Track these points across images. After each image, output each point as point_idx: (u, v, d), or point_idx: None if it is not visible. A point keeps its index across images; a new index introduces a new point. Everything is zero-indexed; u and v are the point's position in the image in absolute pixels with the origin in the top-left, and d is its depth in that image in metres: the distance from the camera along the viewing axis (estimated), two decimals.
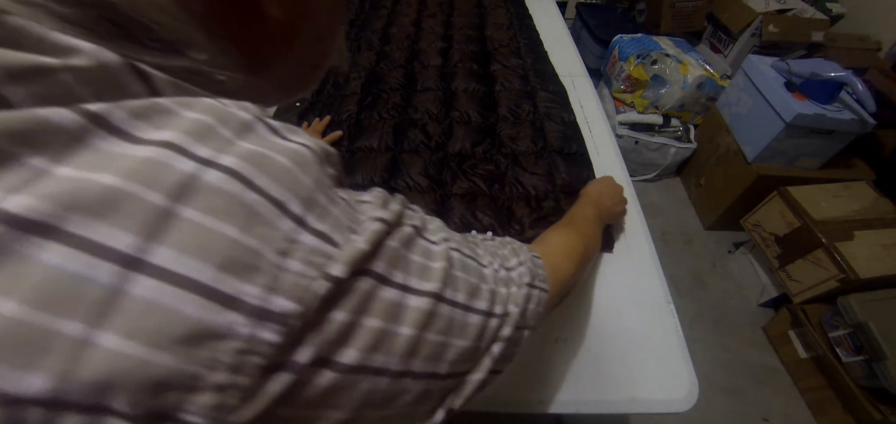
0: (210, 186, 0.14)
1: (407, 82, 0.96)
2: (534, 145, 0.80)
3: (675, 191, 1.81)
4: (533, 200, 0.70)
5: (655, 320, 0.57)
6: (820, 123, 1.26)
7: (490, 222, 0.66)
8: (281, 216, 0.15)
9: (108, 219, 0.12)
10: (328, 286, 0.15)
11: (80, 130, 0.12)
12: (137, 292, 0.12)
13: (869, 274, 1.07)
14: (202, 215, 0.13)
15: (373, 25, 1.21)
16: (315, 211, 0.16)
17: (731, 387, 1.21)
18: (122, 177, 0.12)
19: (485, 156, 0.78)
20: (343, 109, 0.87)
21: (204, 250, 0.13)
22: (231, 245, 0.13)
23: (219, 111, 0.15)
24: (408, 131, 0.82)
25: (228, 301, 0.13)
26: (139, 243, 0.12)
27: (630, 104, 1.73)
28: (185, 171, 0.13)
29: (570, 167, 0.76)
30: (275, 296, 0.14)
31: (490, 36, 1.15)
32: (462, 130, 0.83)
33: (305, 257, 0.15)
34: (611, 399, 0.50)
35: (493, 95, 0.93)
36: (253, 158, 0.15)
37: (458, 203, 0.69)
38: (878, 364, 0.97)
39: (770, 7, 1.73)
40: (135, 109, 0.14)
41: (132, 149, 0.13)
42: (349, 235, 0.17)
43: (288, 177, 0.16)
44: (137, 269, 0.12)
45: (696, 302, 1.42)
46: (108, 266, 0.12)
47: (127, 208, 0.12)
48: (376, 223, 0.18)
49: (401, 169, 0.74)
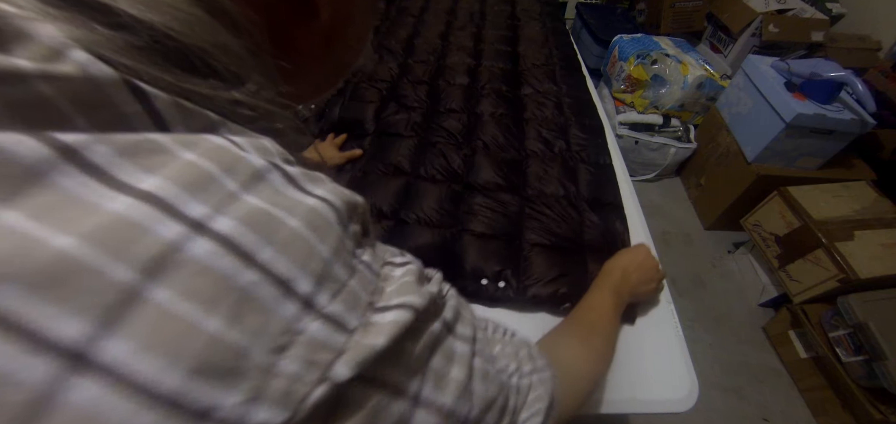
0: (195, 261, 0.11)
1: (429, 101, 0.90)
2: (563, 190, 0.72)
3: (675, 191, 1.81)
4: (555, 254, 0.62)
5: (655, 320, 0.57)
6: (820, 123, 1.26)
7: (501, 270, 0.59)
8: (284, 300, 0.12)
9: (51, 297, 0.09)
10: (326, 392, 0.13)
11: (41, 165, 0.10)
12: (74, 399, 0.09)
13: (869, 274, 1.07)
14: (178, 300, 0.10)
15: (397, 34, 1.15)
16: (328, 288, 0.13)
17: (731, 387, 1.21)
18: (82, 239, 0.09)
19: (507, 194, 0.71)
20: (360, 124, 0.82)
21: (172, 347, 0.10)
22: (210, 342, 0.11)
23: (225, 156, 0.13)
24: (426, 156, 0.75)
25: (197, 416, 0.10)
26: (88, 332, 0.09)
27: (630, 104, 1.73)
28: (165, 238, 0.10)
29: (602, 222, 0.68)
30: (257, 405, 0.11)
31: (523, 53, 1.09)
32: (485, 161, 0.76)
33: (306, 355, 0.12)
34: (611, 398, 0.50)
35: (521, 123, 0.86)
36: (258, 220, 0.12)
37: (470, 245, 0.62)
38: (878, 364, 0.97)
39: (770, 7, 1.73)
40: (122, 144, 0.11)
41: (107, 198, 0.10)
42: (367, 316, 0.14)
43: (299, 247, 0.13)
44: (79, 369, 0.09)
45: (696, 302, 1.42)
46: (40, 364, 0.09)
47: (79, 284, 0.09)
48: (403, 312, 0.15)
49: (414, 199, 0.68)
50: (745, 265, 1.49)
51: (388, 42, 1.13)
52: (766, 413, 1.17)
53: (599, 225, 0.67)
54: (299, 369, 0.12)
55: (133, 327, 0.10)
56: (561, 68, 1.03)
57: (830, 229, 1.17)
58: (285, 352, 0.12)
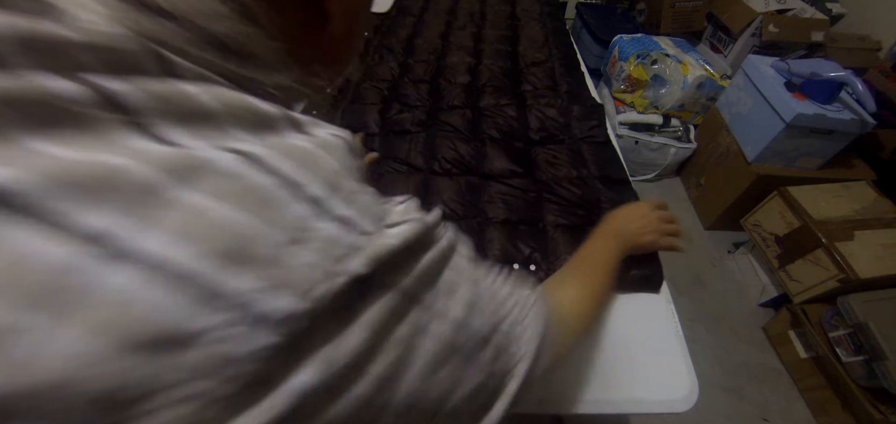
0: (219, 168, 0.12)
1: (432, 99, 0.92)
2: (574, 171, 0.74)
3: (675, 191, 1.81)
4: (579, 233, 0.64)
5: (655, 320, 0.57)
6: (820, 124, 1.26)
7: (531, 254, 0.61)
8: (295, 200, 0.13)
9: (97, 198, 0.10)
10: (344, 286, 0.13)
11: (80, 105, 0.11)
12: (114, 281, 0.10)
13: (869, 274, 1.07)
14: (205, 198, 0.12)
15: (397, 33, 1.15)
16: (340, 194, 0.15)
17: (731, 387, 1.21)
18: (129, 159, 0.11)
19: (522, 179, 0.73)
20: (364, 124, 0.83)
21: (198, 236, 0.11)
22: (232, 230, 0.12)
23: (239, 102, 0.15)
24: (437, 150, 0.77)
25: (218, 295, 0.11)
26: (128, 225, 0.11)
27: (630, 104, 1.73)
28: (199, 156, 0.12)
29: (617, 197, 0.70)
30: (278, 291, 0.12)
31: (523, 52, 1.10)
32: (496, 151, 0.78)
33: (322, 248, 0.13)
34: (611, 398, 0.50)
35: (524, 114, 0.88)
36: (276, 144, 0.14)
37: (496, 232, 0.64)
38: (878, 364, 0.97)
39: (770, 7, 1.73)
40: (151, 91, 0.13)
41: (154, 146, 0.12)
42: (379, 227, 0.15)
43: (309, 159, 0.14)
44: (120, 257, 0.10)
45: (696, 302, 1.42)
46: (85, 251, 0.10)
47: (122, 187, 0.11)
48: (414, 224, 0.17)
49: (433, 194, 0.70)
50: (745, 264, 1.49)
51: (389, 42, 1.13)
52: (766, 413, 1.17)
53: (615, 200, 0.69)
54: (317, 259, 0.13)
55: (166, 221, 0.11)
56: (561, 67, 1.04)
57: (830, 229, 1.17)
58: (302, 245, 0.13)
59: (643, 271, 0.59)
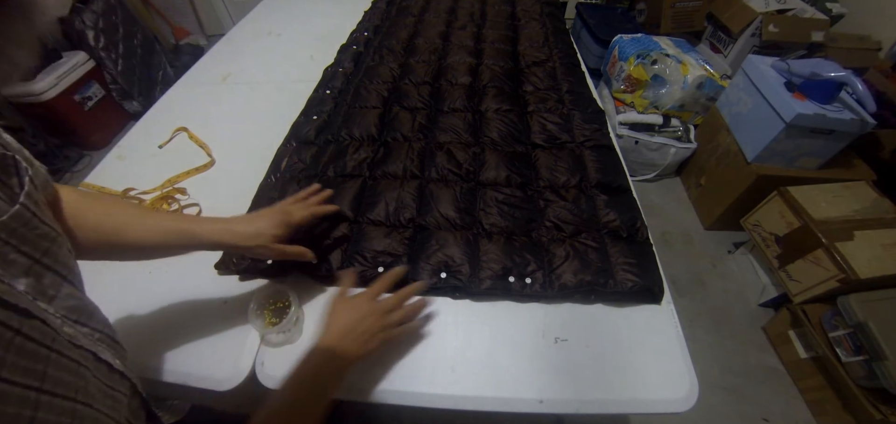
0: None
1: (433, 101, 0.91)
2: (573, 179, 0.73)
3: (675, 191, 1.81)
4: (576, 243, 0.63)
5: (655, 320, 0.57)
6: (820, 124, 1.26)
7: (527, 266, 0.60)
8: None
9: None
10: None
11: None
12: None
13: (869, 274, 1.07)
14: None
15: (397, 34, 1.15)
16: None
17: (731, 387, 1.21)
18: None
19: (520, 188, 0.71)
20: (363, 127, 0.82)
21: None
22: None
23: None
24: (435, 157, 0.76)
25: None
26: None
27: (630, 104, 1.73)
28: None
29: (615, 206, 0.68)
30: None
31: (523, 52, 1.09)
32: (495, 157, 0.76)
33: None
34: (611, 398, 0.50)
35: (525, 117, 0.87)
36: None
37: (493, 245, 0.62)
38: (878, 364, 0.97)
39: (770, 7, 1.73)
40: None
41: None
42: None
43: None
44: None
45: (696, 302, 1.42)
46: None
47: None
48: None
49: (429, 202, 0.68)
50: (745, 264, 1.49)
51: (389, 42, 1.13)
52: (766, 413, 1.17)
53: (614, 209, 0.68)
54: None
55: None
56: (561, 67, 1.03)
57: (830, 229, 1.17)
58: None
59: (646, 282, 0.58)
